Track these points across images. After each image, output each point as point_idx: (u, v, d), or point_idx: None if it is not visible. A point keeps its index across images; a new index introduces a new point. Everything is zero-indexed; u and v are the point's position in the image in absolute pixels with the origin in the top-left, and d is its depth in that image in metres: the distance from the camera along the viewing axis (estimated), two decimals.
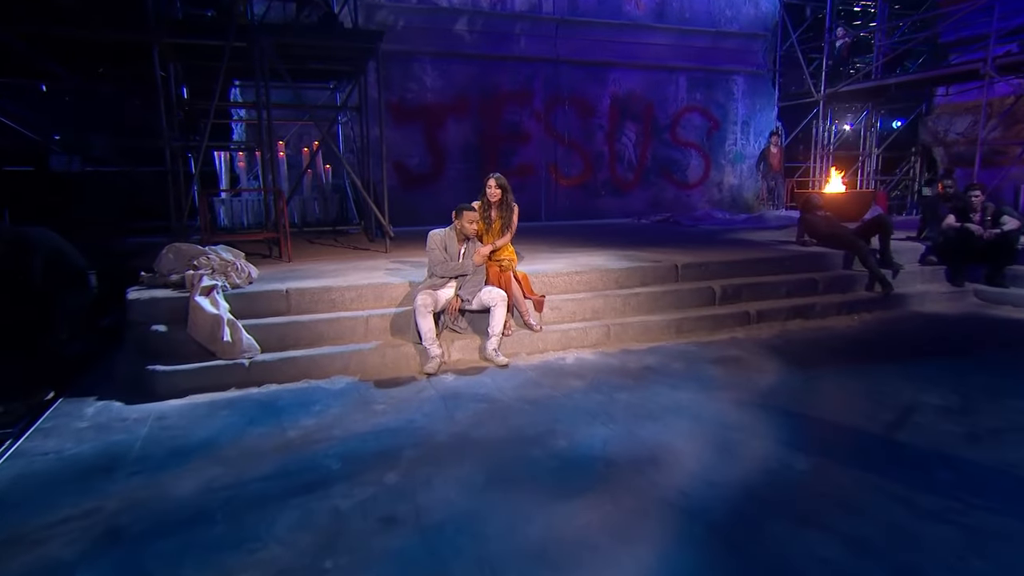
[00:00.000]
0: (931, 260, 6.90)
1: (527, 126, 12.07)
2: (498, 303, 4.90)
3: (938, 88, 11.09)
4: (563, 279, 5.79)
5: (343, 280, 5.36)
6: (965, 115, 10.64)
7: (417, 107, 11.34)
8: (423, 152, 11.51)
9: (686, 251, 6.97)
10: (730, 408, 3.90)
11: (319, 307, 5.07)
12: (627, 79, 12.62)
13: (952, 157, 11.06)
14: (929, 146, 11.49)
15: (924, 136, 11.57)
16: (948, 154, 11.12)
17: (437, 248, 4.93)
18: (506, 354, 5.02)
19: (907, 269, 6.68)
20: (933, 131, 11.24)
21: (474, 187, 12.43)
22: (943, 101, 11.06)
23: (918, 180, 12.42)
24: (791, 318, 5.98)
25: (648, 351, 5.20)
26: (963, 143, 10.74)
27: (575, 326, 5.40)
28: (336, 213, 9.83)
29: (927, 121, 11.39)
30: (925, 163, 12.33)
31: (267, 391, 4.35)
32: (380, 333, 5.02)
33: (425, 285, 4.93)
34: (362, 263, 6.46)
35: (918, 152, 12.50)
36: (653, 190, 13.21)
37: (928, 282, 6.79)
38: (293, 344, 4.77)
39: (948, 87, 10.57)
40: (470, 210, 4.96)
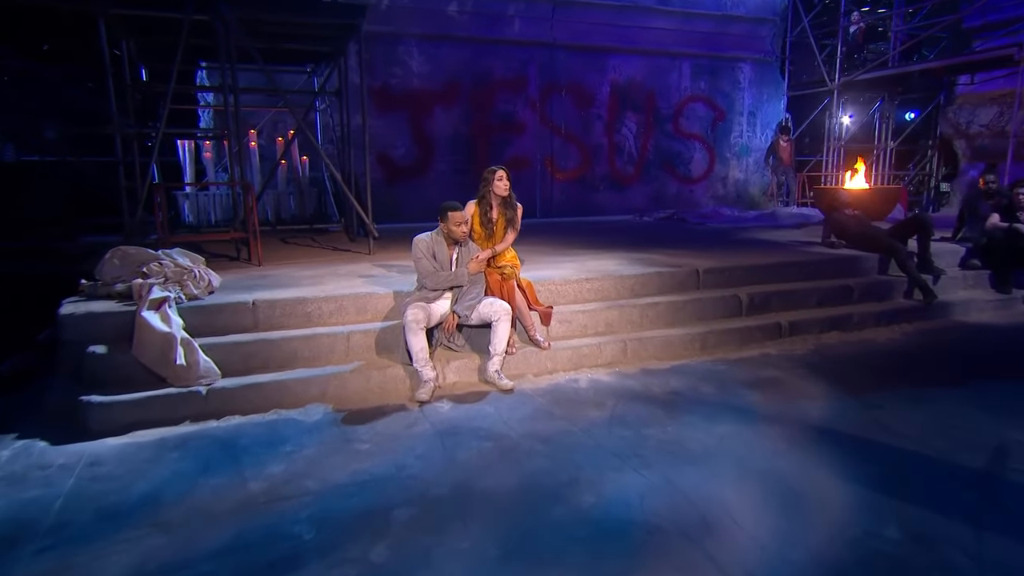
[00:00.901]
0: (974, 264, 6.43)
1: (521, 116, 11.48)
2: (501, 318, 4.31)
3: (960, 77, 10.64)
4: (572, 287, 5.22)
5: (320, 289, 4.75)
6: (990, 105, 10.20)
7: (402, 94, 10.69)
8: (408, 143, 10.87)
9: (702, 254, 6.43)
10: (782, 447, 3.36)
11: (292, 322, 4.46)
12: (627, 66, 12.06)
13: (975, 150, 10.63)
14: (949, 139, 11.06)
15: (944, 128, 11.13)
16: (971, 147, 10.69)
17: (424, 256, 4.32)
18: (510, 376, 4.44)
19: (948, 274, 6.19)
20: (954, 123, 10.81)
21: (463, 181, 11.92)
22: (965, 90, 10.62)
23: (935, 175, 12.00)
24: (826, 330, 5.46)
25: (671, 371, 4.65)
26: (987, 135, 10.31)
27: (587, 342, 4.83)
28: (313, 209, 9.18)
29: (947, 112, 10.96)
30: (942, 157, 11.90)
31: (228, 425, 3.73)
32: (363, 352, 4.42)
33: (415, 297, 4.33)
34: (342, 267, 5.84)
35: (935, 145, 12.07)
36: (654, 185, 12.68)
37: (971, 288, 6.32)
38: (261, 367, 4.15)
39: (973, 75, 10.13)
40: (455, 209, 4.34)
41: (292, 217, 8.98)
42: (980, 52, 9.03)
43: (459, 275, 4.35)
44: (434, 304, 4.37)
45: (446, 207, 4.32)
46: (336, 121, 9.19)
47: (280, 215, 8.98)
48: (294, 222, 8.78)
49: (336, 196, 9.39)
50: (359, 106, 7.28)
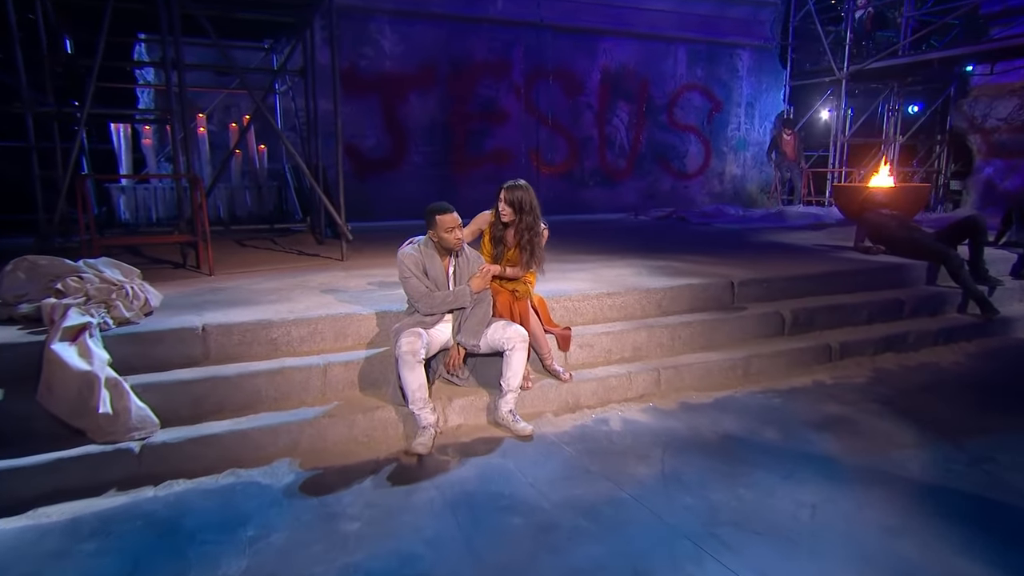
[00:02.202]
0: None
1: (504, 103, 10.78)
2: (516, 346, 3.59)
3: (976, 67, 10.29)
4: (592, 304, 4.53)
5: (289, 309, 3.97)
6: (1009, 98, 9.86)
7: (373, 77, 9.89)
8: (380, 132, 10.08)
9: (727, 260, 5.83)
10: (894, 521, 2.72)
11: (254, 351, 3.68)
12: (620, 50, 11.46)
13: (991, 146, 10.30)
14: (963, 133, 10.71)
15: (958, 122, 10.79)
16: (987, 142, 10.36)
17: (414, 275, 3.55)
18: (525, 415, 3.74)
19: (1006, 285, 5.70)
20: (969, 116, 10.46)
21: (441, 175, 11.17)
22: (982, 82, 10.27)
23: (944, 172, 11.67)
24: (880, 352, 4.90)
25: (716, 406, 4.01)
26: (1006, 130, 9.97)
27: (614, 371, 4.15)
28: (273, 207, 8.31)
29: (962, 105, 10.61)
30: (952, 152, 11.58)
31: (170, 495, 2.94)
32: (344, 389, 3.66)
33: (409, 322, 3.58)
34: (312, 278, 5.05)
35: (944, 140, 11.74)
36: (647, 180, 12.12)
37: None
38: (214, 411, 3.37)
39: (993, 65, 9.77)
40: (445, 211, 3.52)
41: (248, 215, 8.10)
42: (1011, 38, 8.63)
43: (460, 295, 3.61)
44: (433, 329, 3.64)
45: (433, 210, 3.56)
46: (299, 106, 8.36)
47: (234, 213, 8.09)
48: (251, 221, 7.91)
49: (299, 192, 8.54)
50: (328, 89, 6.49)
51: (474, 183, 10.58)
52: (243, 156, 8.19)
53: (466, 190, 10.56)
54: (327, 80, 7.02)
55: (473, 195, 10.52)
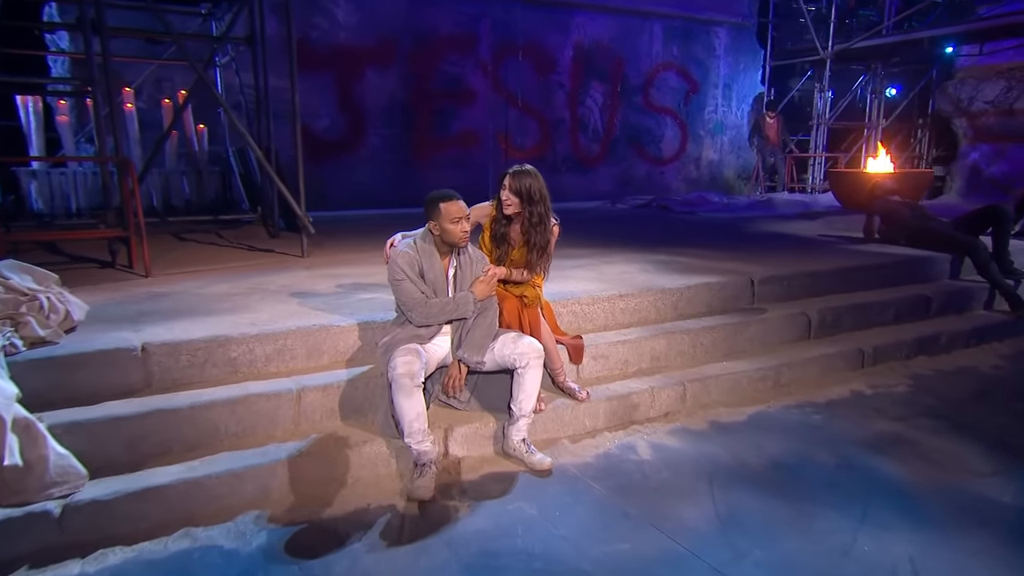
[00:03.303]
0: None
1: (471, 81, 10.22)
2: (530, 363, 3.10)
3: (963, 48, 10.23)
4: (602, 307, 4.08)
5: (249, 319, 3.38)
6: (997, 80, 9.82)
7: (326, 50, 9.19)
8: (334, 111, 9.41)
9: (732, 254, 5.48)
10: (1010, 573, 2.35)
11: (208, 375, 3.09)
12: (593, 25, 11.02)
13: (977, 130, 10.27)
14: (948, 116, 10.67)
15: (942, 105, 10.73)
16: (972, 126, 10.32)
17: (408, 278, 3.01)
18: (538, 442, 3.27)
19: None
20: (955, 99, 10.40)
21: (401, 159, 10.53)
22: (968, 63, 10.22)
23: (926, 158, 11.66)
24: (913, 355, 4.60)
25: (751, 425, 3.62)
26: (993, 113, 9.94)
27: (634, 386, 3.71)
28: (215, 195, 7.58)
29: (947, 87, 10.55)
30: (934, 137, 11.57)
31: (103, 570, 2.35)
32: (322, 419, 3.11)
33: (403, 335, 3.04)
34: (271, 279, 4.44)
35: (926, 124, 11.73)
36: (622, 166, 11.75)
37: None
38: (158, 455, 2.77)
39: (982, 45, 9.71)
40: (450, 199, 3.00)
41: (186, 205, 7.36)
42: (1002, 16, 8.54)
43: (462, 303, 3.09)
44: (429, 344, 3.12)
45: (436, 197, 3.03)
46: (244, 81, 7.63)
47: (170, 202, 7.34)
48: (190, 212, 7.18)
49: (245, 178, 7.82)
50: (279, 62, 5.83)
51: (438, 168, 10.01)
52: (179, 137, 7.44)
53: (430, 176, 9.95)
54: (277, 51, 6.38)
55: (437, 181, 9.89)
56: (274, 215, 6.44)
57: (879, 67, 11.42)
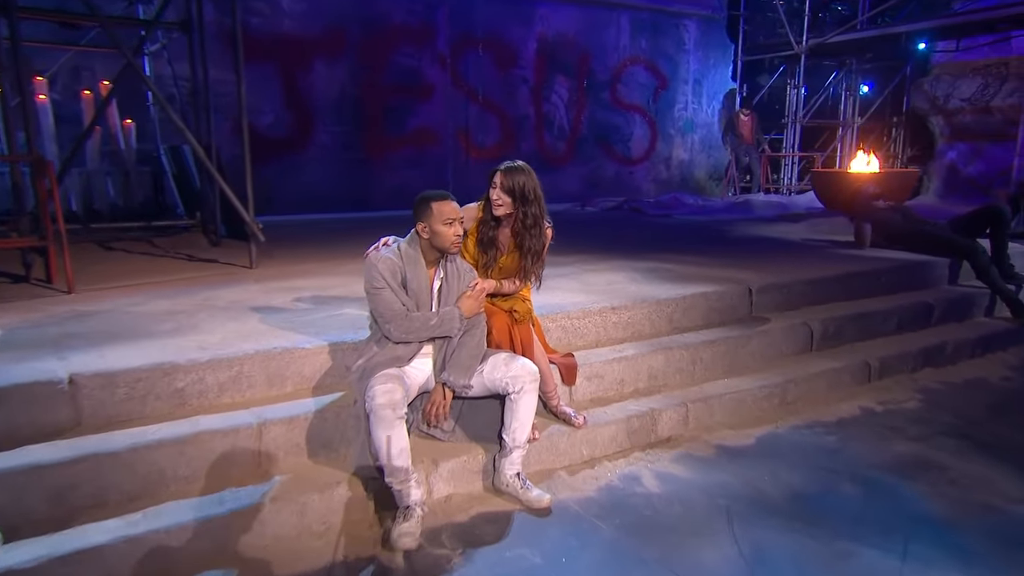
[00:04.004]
0: None
1: (428, 75, 10.00)
2: (525, 387, 2.90)
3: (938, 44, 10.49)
4: (593, 321, 3.91)
5: (197, 342, 3.09)
6: (973, 77, 10.08)
7: (268, 39, 8.86)
8: (279, 107, 9.07)
9: (721, 260, 5.41)
10: None
11: (151, 410, 2.80)
12: (558, 17, 10.94)
13: (954, 128, 10.53)
14: (924, 114, 10.92)
15: (918, 102, 10.99)
16: (949, 124, 10.58)
17: (389, 287, 2.79)
18: (532, 474, 3.09)
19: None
20: (930, 96, 10.65)
21: (353, 159, 10.19)
22: (944, 59, 10.48)
23: (901, 157, 11.92)
24: (919, 367, 4.58)
25: (761, 449, 3.50)
26: (969, 111, 10.20)
27: (632, 408, 3.55)
28: (146, 198, 7.16)
29: (922, 84, 10.80)
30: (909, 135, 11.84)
31: None
32: (288, 456, 2.84)
33: (381, 358, 2.81)
34: (218, 294, 4.14)
35: (901, 123, 11.99)
36: (590, 166, 11.68)
37: None
38: (91, 507, 2.48)
39: (959, 41, 9.96)
40: (443, 199, 2.81)
41: (112, 210, 6.92)
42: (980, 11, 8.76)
43: (447, 319, 2.87)
44: (411, 367, 2.89)
45: (428, 196, 2.82)
46: (178, 72, 7.25)
47: (92, 207, 6.89)
48: (116, 217, 6.75)
49: (179, 179, 7.43)
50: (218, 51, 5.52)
51: (394, 168, 9.76)
52: (103, 133, 7.01)
53: (384, 176, 9.74)
54: (213, 40, 6.04)
55: (393, 183, 9.73)
56: (216, 221, 6.09)
57: (853, 63, 11.63)
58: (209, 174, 5.56)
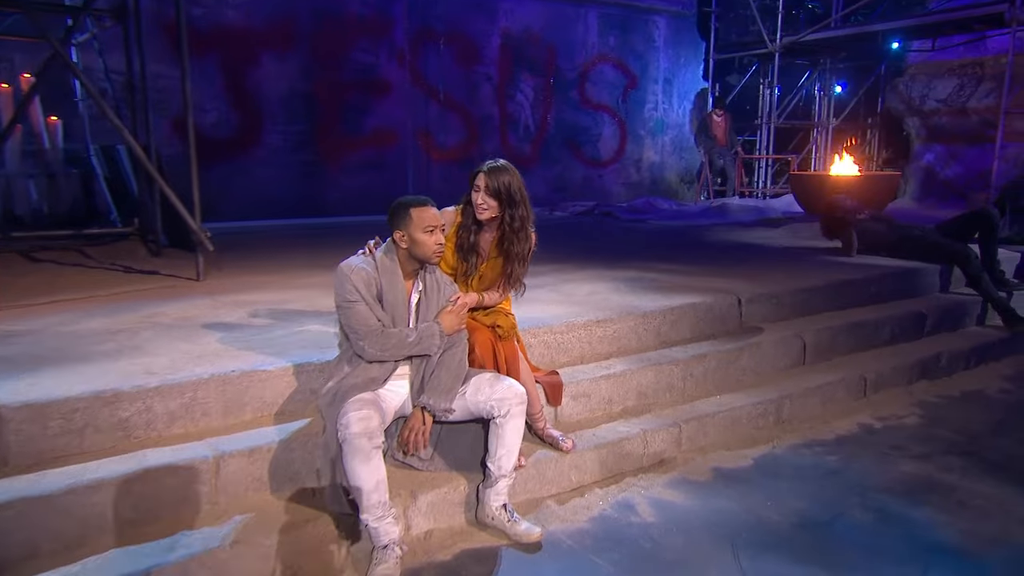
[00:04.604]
0: None
1: (385, 71, 9.86)
2: (512, 411, 2.79)
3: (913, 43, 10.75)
4: (578, 335, 3.82)
5: (142, 366, 2.90)
6: (948, 77, 10.33)
7: (210, 31, 8.62)
8: (223, 104, 8.83)
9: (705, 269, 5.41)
10: None
11: (89, 444, 2.61)
12: (523, 11, 10.92)
13: (930, 130, 10.78)
14: (900, 115, 11.16)
15: (893, 103, 11.23)
16: (925, 126, 10.83)
17: (364, 299, 2.66)
18: (520, 505, 2.99)
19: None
20: (906, 97, 10.89)
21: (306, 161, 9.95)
22: (919, 59, 10.73)
23: (875, 159, 12.17)
24: (915, 380, 4.61)
25: (760, 471, 3.46)
26: (945, 112, 10.45)
27: (622, 430, 3.47)
28: (75, 203, 6.86)
29: (897, 84, 11.04)
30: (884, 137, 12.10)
31: None
32: (248, 493, 2.68)
33: (351, 379, 2.67)
34: (164, 311, 3.93)
35: (875, 124, 12.25)
36: (557, 168, 11.66)
37: None
38: (19, 559, 2.28)
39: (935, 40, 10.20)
40: (423, 204, 2.71)
41: (36, 216, 6.61)
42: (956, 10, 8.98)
43: (426, 336, 2.75)
44: (384, 390, 2.76)
45: (407, 202, 2.71)
46: (111, 65, 6.98)
47: (13, 213, 6.57)
48: (40, 224, 6.44)
49: (112, 183, 7.14)
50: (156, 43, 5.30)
51: (350, 171, 9.59)
52: (24, 132, 6.69)
53: (340, 180, 9.55)
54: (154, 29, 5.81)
55: (349, 186, 9.54)
56: (156, 228, 5.85)
57: (828, 63, 11.84)
58: (149, 177, 5.34)
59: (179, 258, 5.54)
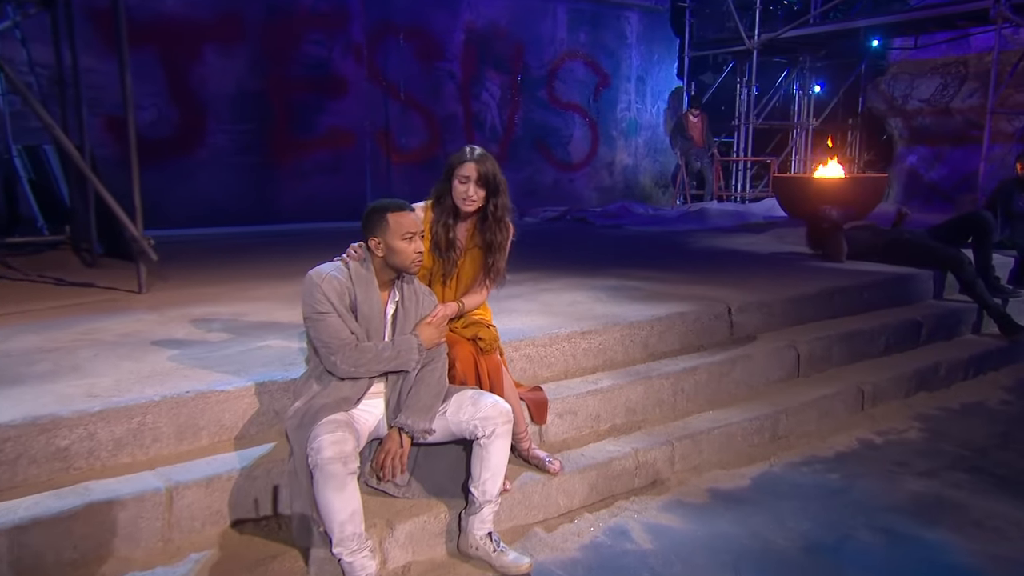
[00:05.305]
0: None
1: (341, 68, 9.78)
2: (496, 431, 2.72)
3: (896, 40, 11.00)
4: (561, 348, 3.78)
5: (84, 387, 2.78)
6: (931, 76, 10.59)
7: (147, 22, 8.45)
8: (162, 101, 8.66)
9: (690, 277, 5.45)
10: None
11: (23, 476, 2.47)
12: (488, 4, 10.98)
13: (914, 131, 11.03)
14: (882, 115, 11.41)
15: (875, 102, 11.47)
16: (908, 127, 11.07)
17: (336, 311, 2.57)
18: (506, 533, 2.92)
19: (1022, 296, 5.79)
20: (888, 96, 11.15)
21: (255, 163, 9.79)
22: (901, 57, 10.98)
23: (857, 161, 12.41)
24: (913, 391, 4.66)
25: (759, 491, 3.45)
26: (928, 112, 10.70)
27: (612, 449, 3.43)
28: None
29: (880, 83, 11.29)
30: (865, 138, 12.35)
31: None
32: (206, 528, 2.56)
33: (321, 398, 2.57)
34: (104, 326, 3.79)
35: (856, 125, 12.49)
36: (526, 171, 11.66)
37: None
38: None
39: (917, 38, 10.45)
40: (401, 209, 2.64)
41: None
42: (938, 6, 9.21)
43: (404, 350, 2.67)
44: (357, 410, 2.67)
45: (383, 207, 2.64)
46: (36, 57, 6.80)
47: None
48: None
49: (39, 186, 6.91)
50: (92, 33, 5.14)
51: (303, 174, 9.45)
52: None
53: (293, 184, 9.41)
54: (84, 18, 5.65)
55: (302, 191, 9.41)
56: (91, 236, 5.67)
57: (806, 61, 12.06)
58: (82, 179, 5.18)
59: (117, 269, 5.37)
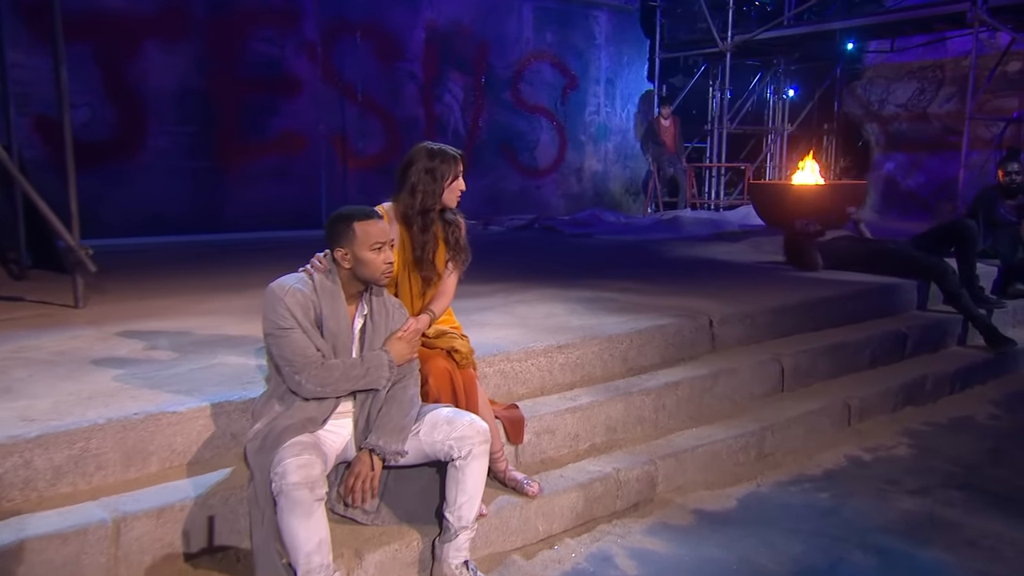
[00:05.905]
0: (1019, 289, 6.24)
1: (293, 66, 9.71)
2: (473, 451, 2.68)
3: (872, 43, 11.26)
4: (537, 363, 3.77)
5: (17, 411, 2.68)
6: (908, 80, 10.86)
7: (82, 15, 8.24)
8: (99, 100, 8.50)
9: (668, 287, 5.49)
10: None
11: None
12: (450, 2, 10.97)
13: (891, 136, 11.28)
14: (858, 121, 11.66)
15: (851, 107, 11.72)
16: (885, 132, 11.33)
17: (298, 326, 2.52)
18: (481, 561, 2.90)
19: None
20: (864, 101, 11.39)
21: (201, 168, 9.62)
22: (877, 60, 11.24)
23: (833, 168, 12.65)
24: (900, 406, 4.75)
25: (747, 512, 3.47)
26: (905, 117, 10.96)
27: (592, 469, 3.43)
28: None
29: (855, 87, 11.54)
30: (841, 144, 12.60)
31: None
32: (156, 563, 2.48)
33: (284, 419, 2.52)
34: (38, 344, 3.67)
35: (832, 130, 12.74)
36: (491, 177, 11.67)
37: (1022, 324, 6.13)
38: None
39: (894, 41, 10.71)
40: (369, 218, 2.62)
41: None
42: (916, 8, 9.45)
43: (374, 367, 2.63)
44: (323, 431, 2.62)
45: (350, 215, 2.61)
46: None
47: None
48: None
49: None
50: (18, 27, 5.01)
51: (253, 180, 9.32)
52: None
53: (242, 190, 9.27)
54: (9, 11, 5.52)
55: (252, 198, 9.28)
56: (19, 246, 5.51)
57: (780, 64, 12.28)
58: (8, 183, 5.04)
59: (49, 281, 5.23)
